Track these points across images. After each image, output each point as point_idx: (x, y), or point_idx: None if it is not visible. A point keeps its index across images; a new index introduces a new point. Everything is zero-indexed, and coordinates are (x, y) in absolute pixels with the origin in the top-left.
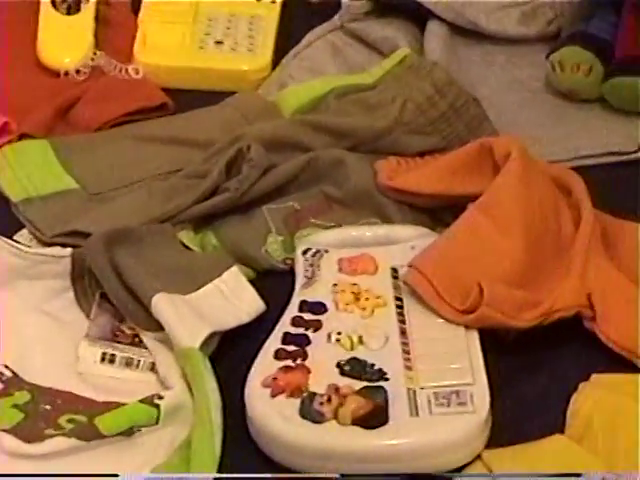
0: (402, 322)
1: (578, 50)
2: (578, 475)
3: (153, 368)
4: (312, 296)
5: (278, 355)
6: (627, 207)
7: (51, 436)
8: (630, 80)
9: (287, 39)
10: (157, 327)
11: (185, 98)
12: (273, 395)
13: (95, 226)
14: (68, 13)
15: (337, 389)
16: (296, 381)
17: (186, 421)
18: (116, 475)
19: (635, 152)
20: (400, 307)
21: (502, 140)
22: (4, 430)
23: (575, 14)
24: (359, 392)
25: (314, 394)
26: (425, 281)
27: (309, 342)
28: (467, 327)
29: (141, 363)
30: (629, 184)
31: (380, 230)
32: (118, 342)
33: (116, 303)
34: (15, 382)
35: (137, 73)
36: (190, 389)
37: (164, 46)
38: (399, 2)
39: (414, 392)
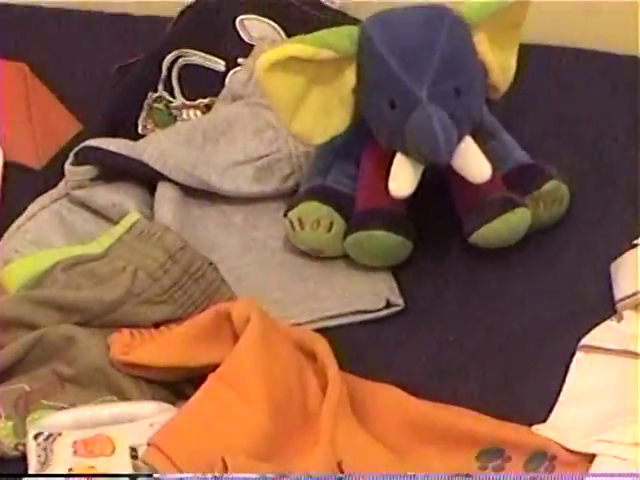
0: None
1: (317, 205)
2: None
3: None
4: None
5: None
6: (376, 366)
7: None
8: (372, 234)
9: (9, 211)
10: None
11: None
12: None
13: None
14: None
15: None
16: None
17: None
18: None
19: (383, 309)
20: None
21: (240, 305)
22: None
23: (313, 168)
24: None
25: None
26: (165, 459)
27: None
28: None
29: None
30: (378, 342)
31: (117, 408)
32: None
33: None
34: None
35: None
36: None
37: None
38: (126, 166)
39: None
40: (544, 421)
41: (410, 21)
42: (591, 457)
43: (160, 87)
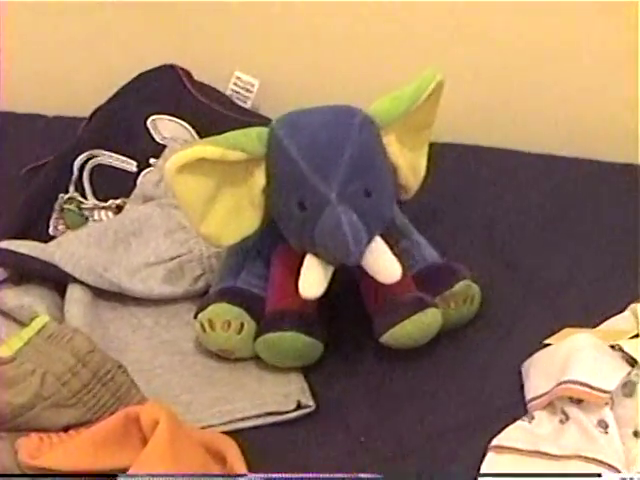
0: None
1: (227, 307)
2: None
3: None
4: None
5: None
6: (288, 468)
7: None
8: (282, 335)
9: None
10: None
11: None
12: None
13: None
14: None
15: None
16: None
17: None
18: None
19: (294, 411)
20: None
21: (149, 408)
22: None
23: (223, 269)
24: None
25: None
26: None
27: None
28: None
29: None
30: (289, 444)
31: None
32: None
33: None
34: None
35: None
36: None
37: None
38: (36, 268)
39: None
40: None
41: (319, 122)
42: None
43: (71, 188)
